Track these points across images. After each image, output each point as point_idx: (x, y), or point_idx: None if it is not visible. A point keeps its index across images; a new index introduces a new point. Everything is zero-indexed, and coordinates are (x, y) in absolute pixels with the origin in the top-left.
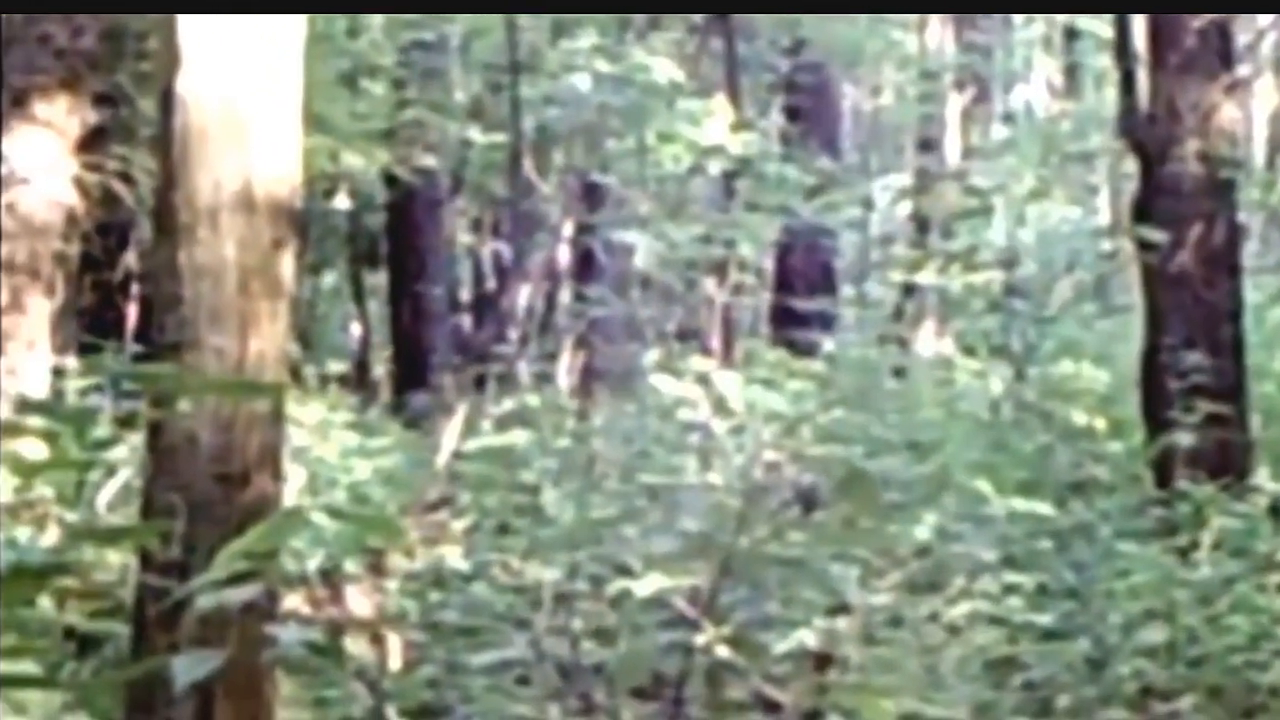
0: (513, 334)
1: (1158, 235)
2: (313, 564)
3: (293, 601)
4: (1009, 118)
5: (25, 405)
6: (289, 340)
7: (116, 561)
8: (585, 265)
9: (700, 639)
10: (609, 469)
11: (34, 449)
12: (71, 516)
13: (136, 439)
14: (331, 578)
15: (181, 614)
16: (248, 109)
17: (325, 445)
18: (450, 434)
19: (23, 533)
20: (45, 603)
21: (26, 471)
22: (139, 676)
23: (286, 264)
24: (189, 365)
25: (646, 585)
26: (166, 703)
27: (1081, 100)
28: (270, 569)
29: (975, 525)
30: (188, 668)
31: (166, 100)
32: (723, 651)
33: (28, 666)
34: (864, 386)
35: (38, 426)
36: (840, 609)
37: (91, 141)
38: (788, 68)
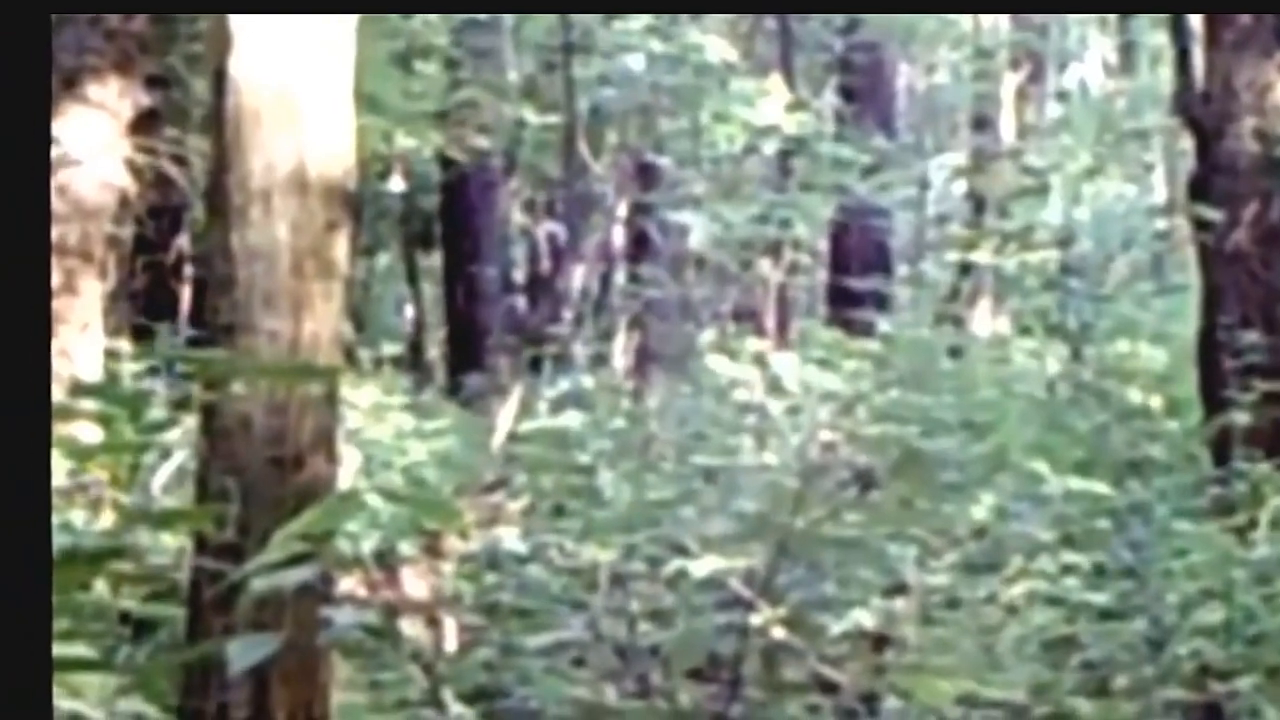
0: (567, 315)
1: (1214, 213)
2: (368, 546)
3: (348, 584)
4: (1063, 96)
5: (80, 388)
6: (343, 322)
7: (171, 545)
8: (640, 246)
9: (757, 620)
10: (664, 450)
11: (88, 432)
12: (125, 500)
13: (191, 422)
14: (387, 560)
15: (236, 597)
16: (300, 90)
17: (380, 427)
18: (505, 416)
19: (77, 517)
20: (100, 587)
21: (82, 455)
22: (194, 660)
23: (340, 245)
24: (242, 348)
25: (703, 566)
26: (221, 686)
27: (1136, 78)
28: (325, 551)
29: (1032, 505)
30: (243, 651)
31: (218, 82)
32: (779, 632)
33: (83, 650)
34: (920, 366)
35: (92, 410)
36: (897, 589)
37: (144, 124)
38: (842, 47)
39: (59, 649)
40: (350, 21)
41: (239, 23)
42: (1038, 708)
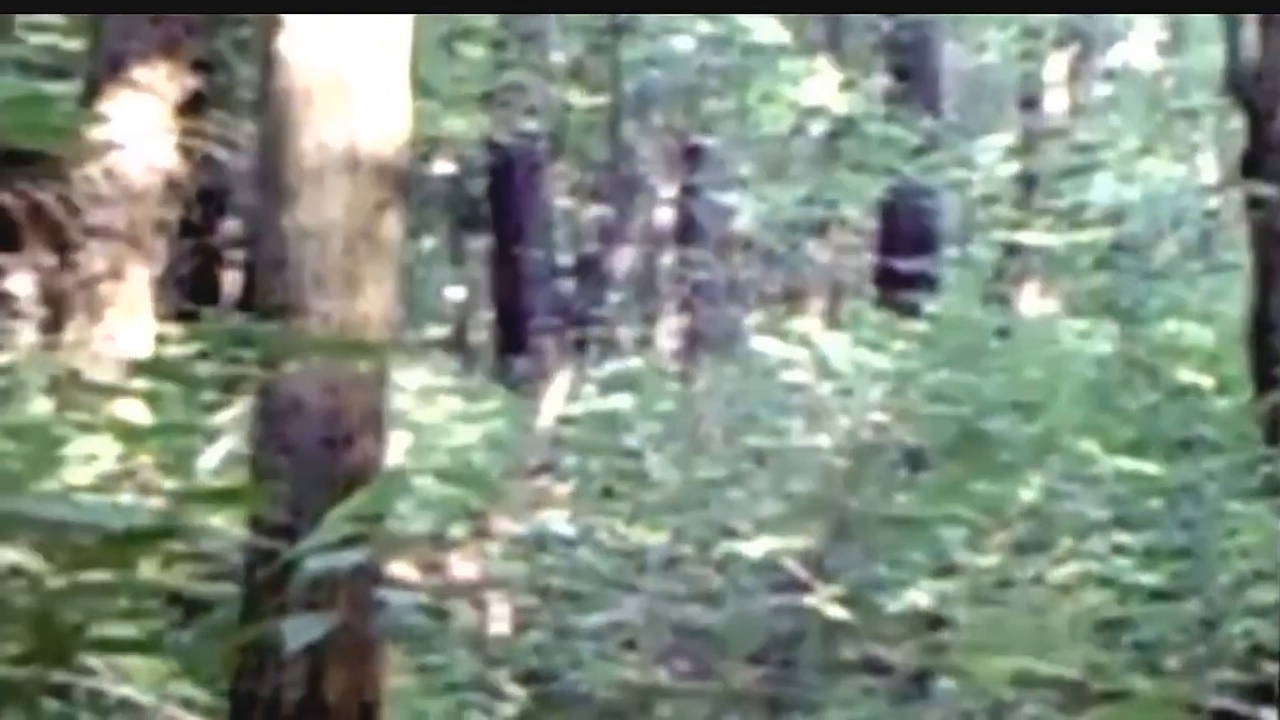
0: (613, 298)
1: (1267, 190)
2: (418, 528)
3: (398, 568)
4: (1111, 75)
5: (136, 365)
6: (394, 303)
7: (223, 528)
8: (686, 228)
9: (812, 600)
10: (713, 432)
11: (137, 413)
12: (174, 484)
13: (239, 406)
14: (436, 542)
15: (289, 578)
16: (352, 69)
17: (428, 410)
18: (552, 398)
19: (126, 500)
20: (152, 568)
21: (134, 437)
22: (247, 642)
23: (392, 225)
24: (294, 329)
25: (757, 547)
26: (276, 668)
27: (1185, 57)
28: (377, 532)
29: (1083, 485)
30: (298, 631)
31: (269, 62)
32: (836, 612)
33: (133, 631)
34: (968, 347)
35: (143, 388)
36: (948, 570)
37: (190, 107)
38: (890, 26)
39: (111, 630)
40: None
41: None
42: (1094, 685)
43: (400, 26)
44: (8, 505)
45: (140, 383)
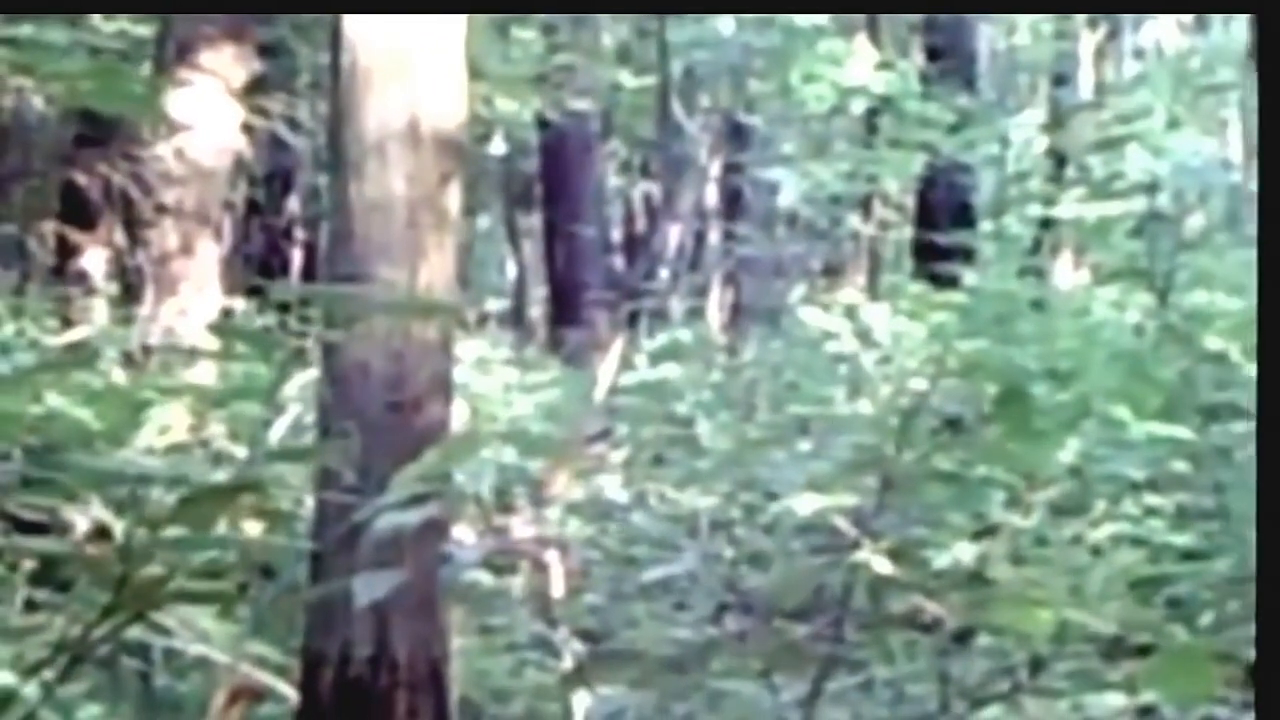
0: (663, 272)
1: None
2: (483, 490)
3: (459, 531)
4: (1140, 54)
5: (215, 328)
6: (456, 272)
7: (292, 495)
8: (733, 204)
9: (860, 555)
10: (760, 401)
11: (209, 377)
12: (243, 453)
13: (305, 378)
14: (498, 503)
15: (358, 539)
16: (413, 45)
17: (486, 381)
18: (606, 369)
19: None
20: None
21: (213, 400)
22: (317, 600)
23: (453, 197)
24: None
25: (806, 504)
26: (345, 625)
27: (1210, 35)
28: (445, 491)
29: (1116, 449)
30: (368, 586)
31: (335, 40)
32: (884, 566)
33: (217, 587)
34: (1005, 316)
35: (216, 350)
36: (988, 531)
37: (255, 90)
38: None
39: (191, 584)
40: None
41: None
42: (1130, 639)
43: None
44: (94, 462)
45: (216, 346)
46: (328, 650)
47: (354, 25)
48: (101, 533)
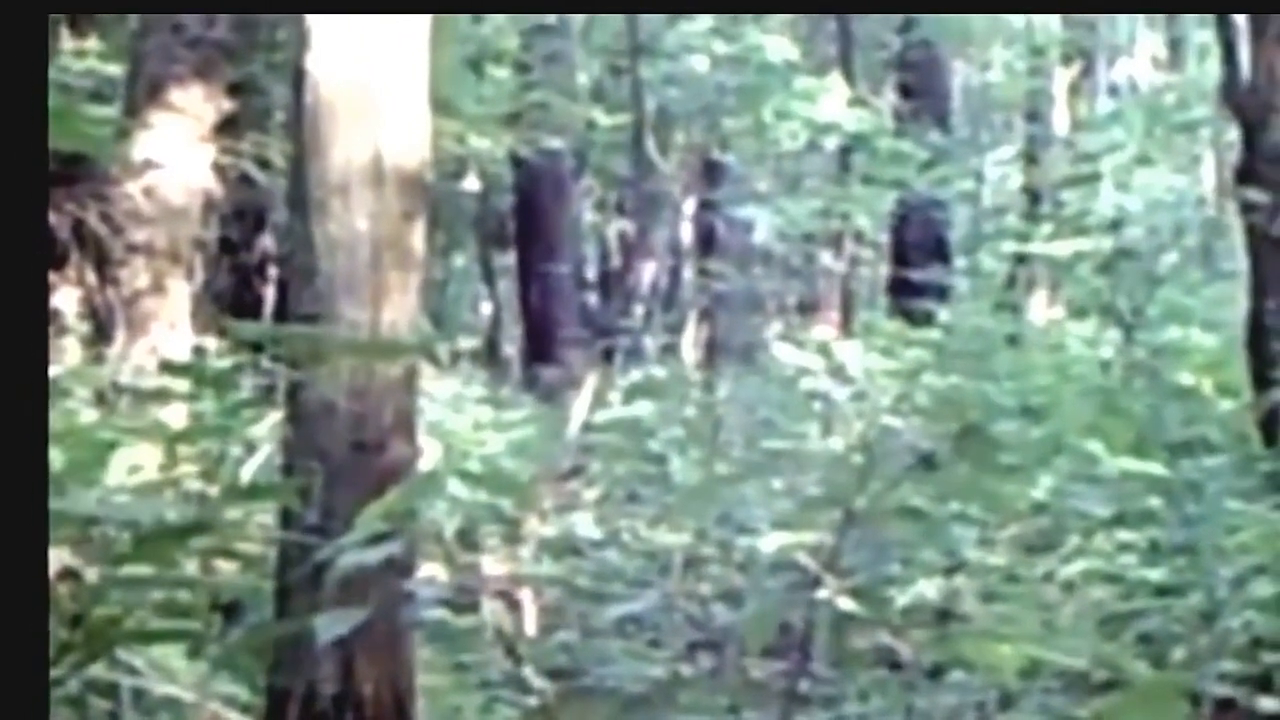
0: (638, 309)
1: (1260, 198)
2: (449, 530)
3: (430, 569)
4: (1114, 90)
5: (170, 367)
6: (420, 310)
7: (258, 533)
8: (707, 241)
9: (823, 592)
10: (733, 437)
11: (178, 418)
12: (214, 492)
13: (275, 417)
14: (467, 539)
15: (322, 577)
16: (375, 85)
17: (459, 419)
18: (580, 406)
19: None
20: (190, 566)
21: (171, 439)
22: (282, 638)
23: (417, 235)
24: (324, 335)
25: (771, 543)
26: (309, 664)
27: (1184, 72)
28: (408, 531)
29: (1089, 485)
30: (330, 624)
31: (298, 79)
32: (846, 603)
33: (173, 626)
34: (978, 353)
35: (182, 390)
36: (958, 568)
37: (226, 128)
38: (899, 45)
39: (150, 624)
40: (424, 18)
41: (316, 22)
42: (1098, 674)
43: (419, 44)
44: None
45: (178, 386)
46: (293, 688)
47: (317, 64)
48: (69, 573)
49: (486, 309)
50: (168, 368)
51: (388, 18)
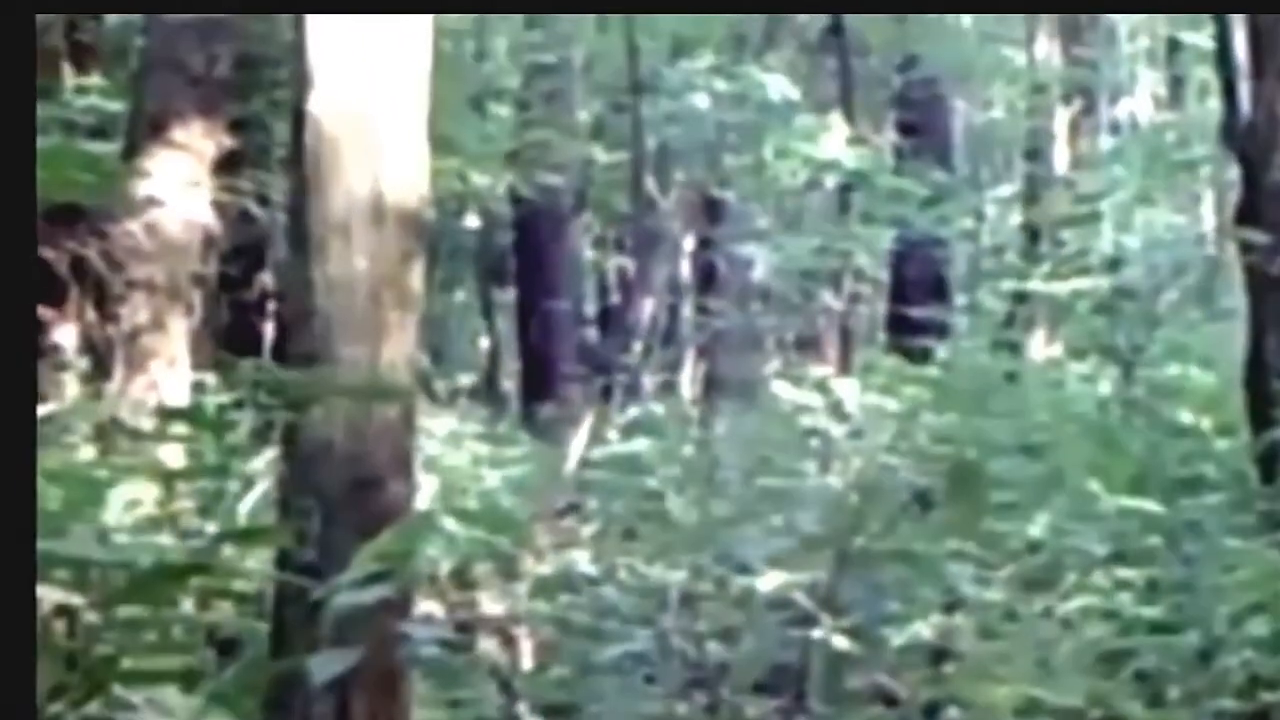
0: (637, 346)
1: (1260, 239)
2: (445, 567)
3: (426, 606)
4: (1115, 129)
5: (168, 413)
6: (418, 349)
7: (256, 569)
8: (706, 278)
9: (818, 632)
10: (731, 475)
11: (176, 458)
12: (211, 528)
13: (273, 451)
14: (464, 580)
15: (319, 615)
16: (376, 125)
17: (457, 455)
18: (577, 443)
19: (165, 542)
20: (187, 605)
21: (168, 478)
22: (278, 676)
23: (415, 275)
24: (322, 375)
25: (768, 582)
26: (305, 702)
27: (1185, 111)
28: (404, 570)
29: (1087, 522)
30: (325, 664)
31: (298, 119)
32: (842, 643)
33: (169, 665)
34: (976, 391)
35: (179, 434)
36: (955, 605)
37: (227, 165)
38: (900, 84)
39: (149, 663)
40: (424, 57)
41: (317, 62)
42: (1093, 713)
43: (420, 83)
44: (44, 546)
45: (177, 428)
46: None
47: (318, 103)
48: (65, 611)
49: (485, 345)
50: (166, 414)
51: (388, 57)
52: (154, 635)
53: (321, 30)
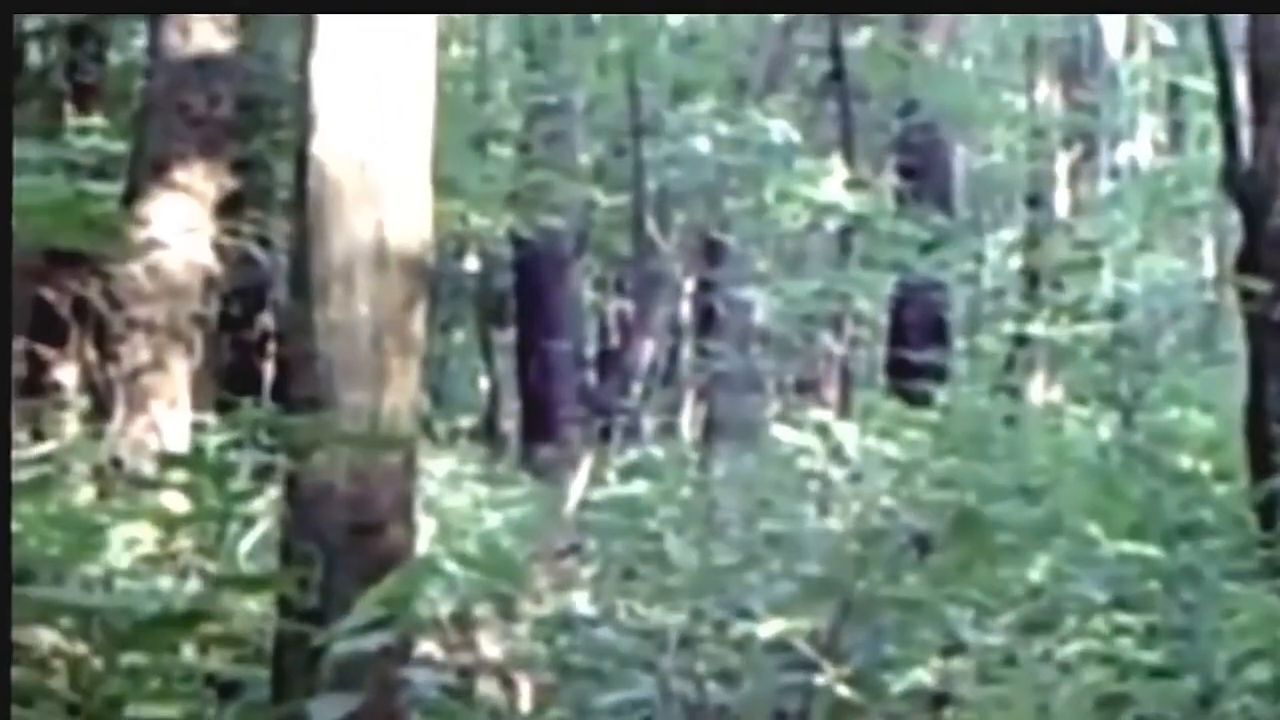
0: (636, 388)
1: (1260, 285)
2: (445, 609)
3: (426, 647)
4: (1115, 173)
5: (169, 459)
6: (420, 394)
7: (256, 610)
8: (706, 320)
9: (820, 679)
10: (731, 517)
11: (176, 501)
12: (212, 567)
13: (274, 491)
14: (464, 622)
15: (320, 660)
16: (379, 170)
17: (456, 496)
18: (577, 484)
19: (165, 583)
20: (188, 650)
21: (169, 524)
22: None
23: (418, 320)
24: (324, 420)
25: (769, 628)
26: None
27: (1185, 156)
28: (405, 615)
29: (1086, 567)
30: (325, 709)
31: (301, 164)
32: (843, 690)
33: (171, 712)
34: (976, 435)
35: (180, 480)
36: (955, 649)
37: (229, 206)
38: (901, 128)
39: (151, 709)
40: (427, 102)
41: (321, 106)
42: None
43: (423, 127)
44: (46, 593)
45: (177, 474)
46: None
47: (321, 148)
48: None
49: (485, 385)
50: (167, 459)
51: (392, 103)
52: (156, 681)
53: (325, 73)
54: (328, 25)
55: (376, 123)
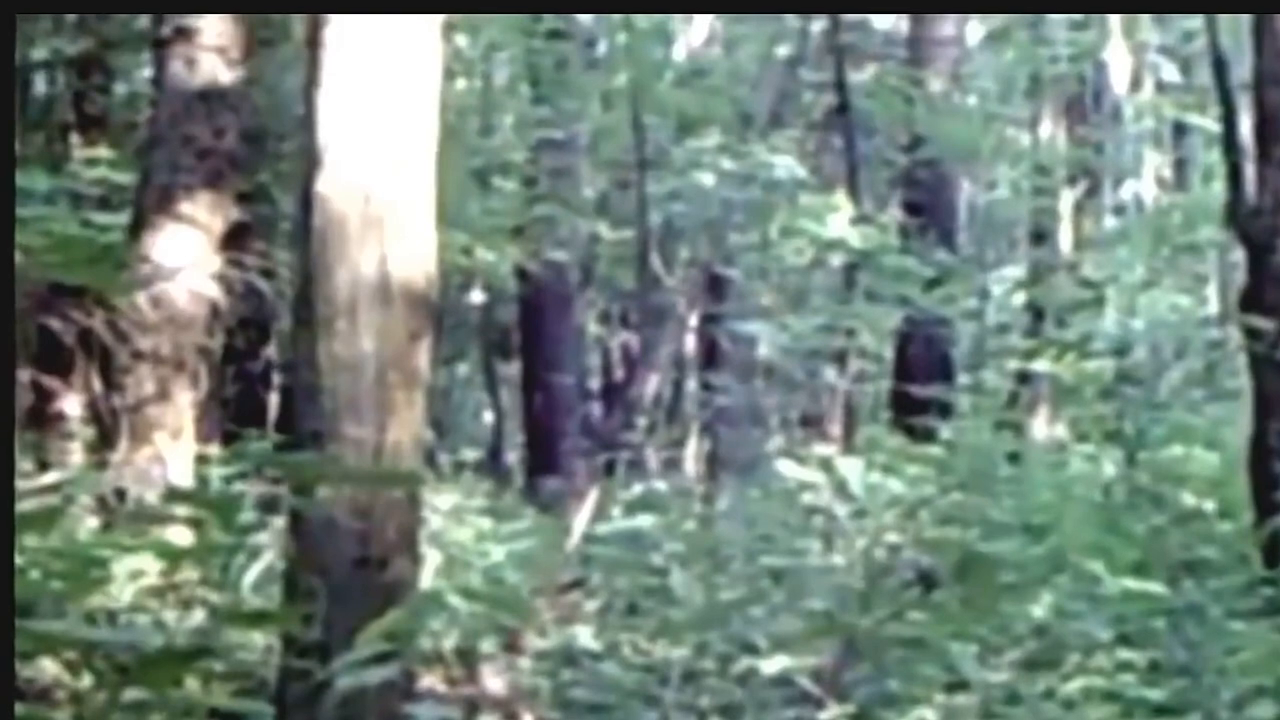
0: (641, 422)
1: (1265, 323)
2: (449, 643)
3: (429, 681)
4: (1119, 211)
5: (173, 493)
6: (424, 428)
7: (260, 643)
8: (711, 355)
9: (824, 715)
10: (735, 552)
11: (181, 534)
12: (216, 599)
13: (278, 523)
14: (467, 657)
15: (322, 695)
16: (384, 206)
17: (460, 529)
18: (581, 518)
19: (169, 615)
20: (191, 683)
21: (174, 556)
22: None
23: (422, 355)
24: (329, 454)
25: (773, 664)
26: None
27: (1189, 193)
28: (408, 649)
29: (1090, 604)
30: None
31: (306, 199)
32: None
33: None
34: (980, 471)
35: (185, 514)
36: (959, 686)
37: (234, 238)
38: (906, 164)
39: None
40: (432, 136)
41: (326, 142)
42: None
43: (427, 162)
44: (49, 627)
45: (181, 509)
46: None
47: (327, 184)
48: (69, 691)
49: (489, 418)
50: (172, 495)
51: (397, 138)
52: (159, 716)
53: (330, 106)
54: (332, 58)
55: (381, 156)
